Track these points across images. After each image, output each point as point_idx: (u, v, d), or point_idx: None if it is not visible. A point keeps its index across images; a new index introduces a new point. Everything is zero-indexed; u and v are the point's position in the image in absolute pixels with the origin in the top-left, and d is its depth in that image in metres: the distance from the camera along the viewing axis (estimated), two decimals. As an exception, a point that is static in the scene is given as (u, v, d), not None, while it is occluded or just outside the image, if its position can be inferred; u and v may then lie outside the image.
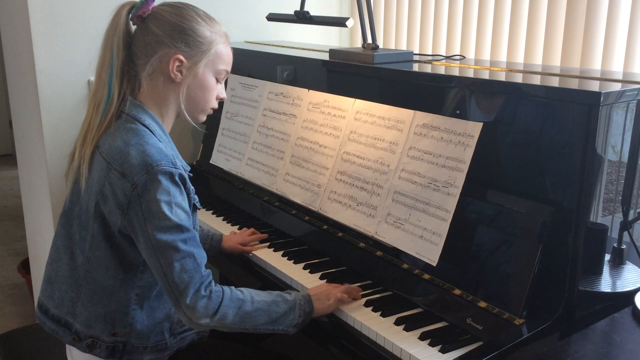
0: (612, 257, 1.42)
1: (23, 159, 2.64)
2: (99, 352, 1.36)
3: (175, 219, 1.26)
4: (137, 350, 1.37)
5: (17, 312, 3.18)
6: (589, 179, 1.26)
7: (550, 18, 2.01)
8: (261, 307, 1.33)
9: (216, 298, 1.28)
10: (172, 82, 1.36)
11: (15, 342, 1.71)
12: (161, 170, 1.26)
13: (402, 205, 1.51)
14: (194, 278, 1.26)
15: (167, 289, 1.28)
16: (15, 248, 4.00)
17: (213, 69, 1.39)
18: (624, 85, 1.34)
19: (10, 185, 5.23)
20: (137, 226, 1.27)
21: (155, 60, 1.34)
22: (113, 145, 1.30)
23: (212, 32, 1.38)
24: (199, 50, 1.35)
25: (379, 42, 2.33)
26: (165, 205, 1.26)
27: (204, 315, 1.26)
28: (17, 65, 2.39)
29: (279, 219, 1.90)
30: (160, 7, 1.37)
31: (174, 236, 1.26)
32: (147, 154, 1.27)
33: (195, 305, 1.25)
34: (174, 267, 1.25)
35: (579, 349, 1.11)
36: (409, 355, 1.25)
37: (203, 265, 1.30)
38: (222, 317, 1.28)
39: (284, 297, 1.37)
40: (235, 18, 2.54)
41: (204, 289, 1.27)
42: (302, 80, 2.03)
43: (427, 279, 1.45)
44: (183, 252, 1.26)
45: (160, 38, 1.33)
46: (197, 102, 1.40)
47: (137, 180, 1.26)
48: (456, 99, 1.54)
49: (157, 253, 1.26)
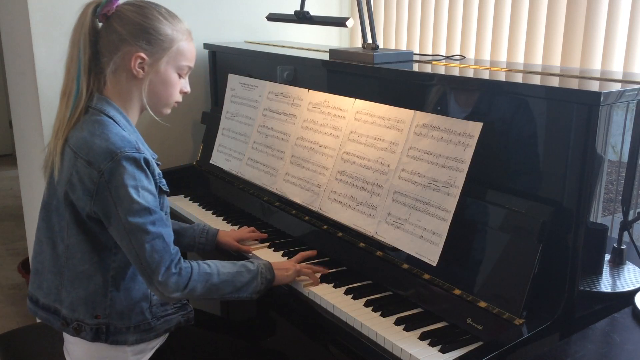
0: (612, 257, 1.42)
1: (23, 159, 2.64)
2: (85, 334, 1.41)
3: (143, 202, 1.33)
4: (121, 330, 1.42)
5: (17, 312, 3.18)
6: (589, 179, 1.26)
7: (550, 18, 2.01)
8: (227, 278, 1.44)
9: (185, 274, 1.37)
10: (134, 78, 1.42)
11: (15, 342, 1.71)
12: (125, 156, 1.33)
13: (402, 205, 1.51)
14: (164, 257, 1.34)
15: (139, 269, 1.36)
16: (15, 248, 4.00)
17: (175, 65, 1.46)
18: (624, 85, 1.34)
19: (10, 185, 5.23)
20: (108, 210, 1.34)
21: (118, 57, 1.40)
22: (80, 137, 1.37)
23: (173, 29, 1.44)
24: (160, 47, 1.42)
25: (379, 42, 2.33)
26: (132, 189, 1.32)
27: (175, 290, 1.36)
28: (17, 65, 2.39)
29: (279, 219, 1.90)
30: (124, 7, 1.43)
31: (143, 219, 1.33)
32: (110, 141, 1.34)
33: (167, 282, 1.34)
34: (145, 248, 1.33)
35: (579, 349, 1.11)
36: (409, 355, 1.25)
37: (172, 243, 1.38)
38: (192, 290, 1.38)
39: (247, 267, 1.48)
40: (235, 18, 2.54)
41: (174, 266, 1.36)
42: (302, 80, 2.03)
43: (427, 279, 1.45)
44: (152, 233, 1.33)
45: (123, 36, 1.39)
46: (160, 97, 1.47)
47: (103, 167, 1.32)
48: (456, 99, 1.54)
49: (128, 235, 1.33)
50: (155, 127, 2.33)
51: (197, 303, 2.53)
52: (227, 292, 1.44)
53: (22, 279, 3.29)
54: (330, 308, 1.45)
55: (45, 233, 1.46)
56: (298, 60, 2.06)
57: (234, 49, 2.34)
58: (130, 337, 1.43)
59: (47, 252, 1.45)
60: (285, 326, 2.10)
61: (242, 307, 2.53)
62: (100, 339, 1.41)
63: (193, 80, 2.48)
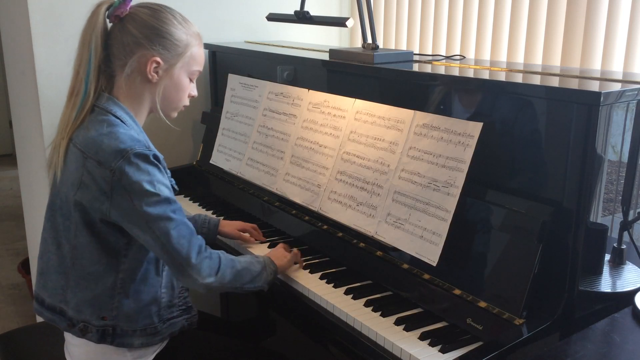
0: (612, 257, 1.42)
1: (23, 159, 2.64)
2: (91, 336, 1.40)
3: (161, 194, 1.33)
4: (127, 333, 1.41)
5: (17, 312, 3.18)
6: (589, 179, 1.26)
7: (550, 18, 2.01)
8: (245, 266, 1.45)
9: (216, 257, 1.39)
10: (148, 82, 1.42)
11: (15, 342, 1.72)
12: (135, 153, 1.32)
13: (402, 205, 1.51)
14: (193, 242, 1.34)
15: (168, 259, 1.34)
16: (15, 248, 4.00)
17: (187, 70, 1.46)
18: (624, 85, 1.34)
19: (10, 185, 5.23)
20: (126, 207, 1.32)
21: (133, 61, 1.39)
22: (87, 136, 1.36)
23: (187, 34, 1.44)
24: (176, 52, 1.42)
25: (379, 42, 2.33)
26: (147, 184, 1.32)
27: (208, 275, 1.35)
28: (17, 65, 2.39)
29: (279, 219, 1.90)
30: (138, 9, 1.42)
31: (164, 208, 1.32)
32: (120, 140, 1.33)
33: (201, 265, 1.34)
34: (171, 235, 1.31)
35: (579, 349, 1.11)
36: (409, 355, 1.25)
37: (195, 231, 1.38)
38: (222, 275, 1.38)
39: (255, 258, 1.51)
40: (235, 18, 2.54)
41: (204, 250, 1.37)
42: (302, 80, 2.03)
43: (427, 279, 1.45)
44: (176, 220, 1.33)
45: (139, 40, 1.38)
46: (171, 101, 1.48)
47: (114, 166, 1.31)
48: (456, 99, 1.54)
49: (151, 227, 1.31)
50: (155, 127, 2.33)
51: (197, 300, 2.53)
52: (246, 281, 1.44)
53: (22, 279, 3.29)
54: (330, 308, 1.45)
55: (50, 233, 1.45)
56: (298, 60, 2.06)
57: (234, 49, 2.34)
58: (136, 341, 1.42)
59: (52, 252, 1.44)
60: (285, 326, 2.10)
61: (242, 308, 2.54)
62: (106, 340, 1.40)
63: (193, 80, 2.49)
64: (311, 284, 1.54)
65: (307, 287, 1.53)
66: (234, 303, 2.58)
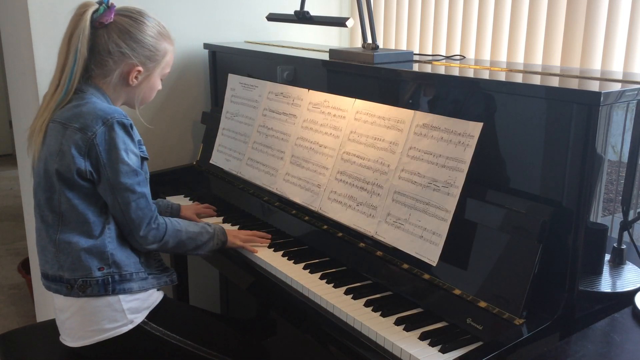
0: (612, 257, 1.42)
1: (23, 159, 2.64)
2: (92, 290, 1.51)
3: (131, 164, 1.50)
4: (125, 277, 1.54)
5: (17, 312, 3.18)
6: (589, 179, 1.26)
7: (550, 18, 2.01)
8: (191, 236, 1.66)
9: (162, 229, 1.59)
10: (128, 85, 1.59)
11: (15, 342, 1.71)
12: (117, 120, 1.48)
13: (402, 205, 1.51)
14: (146, 214, 1.54)
15: (123, 223, 1.54)
16: (15, 248, 4.00)
17: (162, 73, 1.66)
18: (624, 85, 1.34)
19: (10, 185, 5.23)
20: (98, 168, 1.48)
21: (117, 68, 1.55)
22: (66, 110, 1.50)
23: (165, 42, 1.61)
24: (156, 61, 1.60)
25: (379, 42, 2.33)
26: (123, 152, 1.48)
27: (152, 242, 1.57)
28: (17, 65, 2.39)
29: (279, 219, 1.90)
30: (122, 18, 1.54)
31: (131, 180, 1.50)
32: (99, 109, 1.49)
33: (147, 236, 1.56)
34: (131, 206, 1.51)
35: (579, 349, 1.11)
36: (409, 355, 1.25)
37: (151, 202, 1.57)
38: (165, 243, 1.60)
39: (206, 228, 1.71)
40: (235, 18, 2.54)
41: (153, 222, 1.56)
42: (302, 80, 2.03)
43: (427, 279, 1.45)
44: (138, 193, 1.52)
45: (123, 50, 1.53)
46: (144, 98, 1.67)
47: (95, 130, 1.46)
48: (456, 99, 1.54)
49: (115, 194, 1.49)
50: (155, 127, 2.34)
51: (196, 300, 2.53)
52: (189, 249, 1.67)
53: (22, 279, 3.29)
54: (330, 308, 1.45)
55: (37, 210, 1.56)
56: (298, 60, 2.06)
57: (234, 49, 2.34)
58: (134, 285, 1.55)
59: (41, 228, 1.55)
60: (285, 326, 2.10)
61: (242, 307, 2.54)
62: (108, 290, 1.51)
63: (193, 80, 2.49)
64: (311, 284, 1.54)
65: (307, 287, 1.53)
66: (234, 302, 2.59)
